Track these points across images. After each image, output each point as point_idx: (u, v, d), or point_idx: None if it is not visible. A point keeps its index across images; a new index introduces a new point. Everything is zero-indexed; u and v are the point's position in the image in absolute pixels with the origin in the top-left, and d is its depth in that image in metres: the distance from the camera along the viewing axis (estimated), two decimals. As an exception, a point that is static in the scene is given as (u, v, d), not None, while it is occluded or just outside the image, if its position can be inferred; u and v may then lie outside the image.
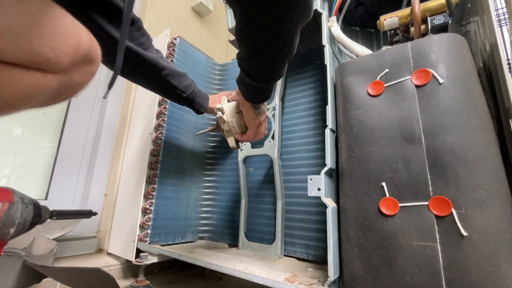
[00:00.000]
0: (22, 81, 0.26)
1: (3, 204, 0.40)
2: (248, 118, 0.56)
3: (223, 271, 0.57)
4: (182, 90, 0.61)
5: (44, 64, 0.28)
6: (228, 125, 0.59)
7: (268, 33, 0.39)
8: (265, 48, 0.41)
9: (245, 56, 0.43)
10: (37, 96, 0.30)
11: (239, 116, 0.58)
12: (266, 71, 0.45)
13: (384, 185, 0.45)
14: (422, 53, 0.48)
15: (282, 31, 0.39)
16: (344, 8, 0.67)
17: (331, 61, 0.61)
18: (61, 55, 0.29)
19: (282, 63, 0.45)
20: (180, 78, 0.61)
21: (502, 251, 0.36)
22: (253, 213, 0.80)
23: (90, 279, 0.49)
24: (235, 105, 0.59)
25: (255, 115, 0.55)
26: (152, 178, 0.78)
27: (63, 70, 0.31)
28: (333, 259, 0.46)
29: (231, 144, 0.61)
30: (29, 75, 0.27)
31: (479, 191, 0.38)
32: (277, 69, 0.45)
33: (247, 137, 0.59)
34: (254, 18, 0.38)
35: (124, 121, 0.98)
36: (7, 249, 0.54)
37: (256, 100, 0.52)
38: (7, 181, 0.78)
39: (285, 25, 0.38)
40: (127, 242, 0.76)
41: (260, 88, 0.49)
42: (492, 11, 0.49)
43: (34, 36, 0.26)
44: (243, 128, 0.59)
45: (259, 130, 0.58)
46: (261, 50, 0.41)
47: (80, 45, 0.32)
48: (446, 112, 0.43)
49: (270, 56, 0.42)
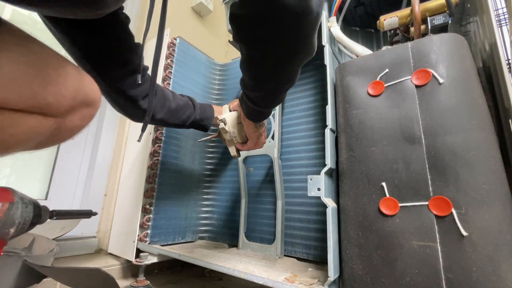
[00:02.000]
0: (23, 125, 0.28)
1: (3, 204, 0.40)
2: (248, 131, 0.58)
3: (223, 271, 0.57)
4: (181, 123, 0.64)
5: (45, 109, 0.29)
6: (230, 135, 0.60)
7: (272, 74, 0.41)
8: (268, 85, 0.43)
9: (249, 87, 0.45)
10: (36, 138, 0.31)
11: (240, 126, 0.60)
12: (269, 100, 0.48)
13: (384, 185, 0.45)
14: (422, 53, 0.48)
15: (286, 71, 0.41)
16: (344, 8, 0.67)
17: (331, 61, 0.61)
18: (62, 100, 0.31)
19: (284, 93, 0.47)
20: (178, 114, 0.62)
21: (502, 251, 0.36)
22: (253, 213, 0.80)
23: (90, 279, 0.49)
24: (236, 116, 0.60)
25: (256, 128, 0.57)
26: (152, 178, 0.78)
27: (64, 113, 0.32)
28: (333, 259, 0.46)
29: (233, 153, 0.63)
30: (31, 118, 0.28)
31: (479, 191, 0.38)
32: (279, 99, 0.48)
33: (247, 147, 0.61)
34: (260, 61, 0.40)
35: (124, 121, 0.98)
36: (7, 249, 0.54)
37: (257, 119, 0.55)
38: (7, 181, 0.78)
39: (289, 67, 0.40)
40: (127, 242, 0.76)
41: (262, 112, 0.51)
42: (492, 11, 0.50)
43: (37, 85, 0.28)
44: (244, 137, 0.61)
45: (259, 140, 0.60)
46: (265, 86, 0.44)
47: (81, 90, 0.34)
48: (446, 112, 0.43)
49: (273, 90, 0.45)
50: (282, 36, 0.35)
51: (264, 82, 0.43)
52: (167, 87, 0.88)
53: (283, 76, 0.42)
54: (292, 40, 0.36)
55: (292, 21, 0.33)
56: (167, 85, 0.89)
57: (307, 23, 0.34)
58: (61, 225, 0.74)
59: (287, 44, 0.36)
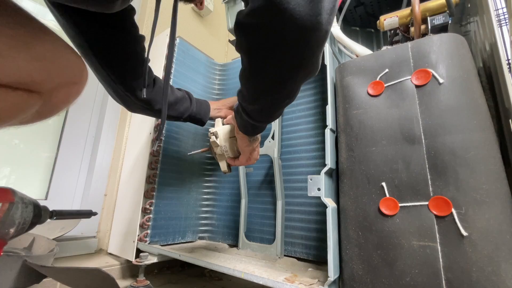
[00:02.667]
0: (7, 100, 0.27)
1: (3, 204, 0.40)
2: (242, 145, 0.56)
3: (223, 271, 0.57)
4: (179, 116, 0.65)
5: (30, 85, 0.29)
6: (221, 149, 0.58)
7: (272, 88, 0.40)
8: (267, 99, 0.42)
9: (247, 99, 0.44)
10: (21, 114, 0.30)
11: (233, 141, 0.58)
12: (265, 115, 0.46)
13: (384, 185, 0.45)
14: (422, 53, 0.48)
15: (287, 87, 0.39)
16: (344, 8, 0.67)
17: (331, 61, 0.61)
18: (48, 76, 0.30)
19: (282, 109, 0.46)
20: (176, 106, 0.63)
21: (502, 251, 0.36)
22: (253, 213, 0.80)
23: (90, 279, 0.49)
24: (229, 130, 0.58)
25: (249, 142, 0.55)
26: (152, 178, 0.78)
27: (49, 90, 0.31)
28: (333, 259, 0.46)
29: (223, 169, 0.61)
30: (15, 94, 0.28)
31: (479, 191, 0.38)
32: (276, 114, 0.47)
33: (239, 162, 0.60)
34: (260, 73, 0.38)
35: (124, 121, 0.98)
36: (7, 249, 0.54)
37: (251, 133, 0.53)
38: (7, 181, 0.78)
39: (290, 83, 0.39)
40: (127, 242, 0.76)
41: (257, 126, 0.50)
42: (492, 11, 0.49)
43: (22, 60, 0.27)
44: (236, 153, 0.59)
45: (251, 155, 0.58)
46: (263, 100, 0.42)
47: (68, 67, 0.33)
48: (446, 112, 0.43)
49: (270, 105, 0.43)
50: (287, 50, 0.34)
51: (262, 96, 0.42)
52: (167, 87, 0.88)
53: (283, 92, 0.40)
54: (297, 56, 0.35)
55: (299, 35, 0.32)
56: (167, 85, 0.89)
57: (314, 39, 0.33)
58: (61, 225, 0.74)
59: (291, 59, 0.35)
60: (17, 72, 0.26)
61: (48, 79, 0.30)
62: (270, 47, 0.34)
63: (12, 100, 0.27)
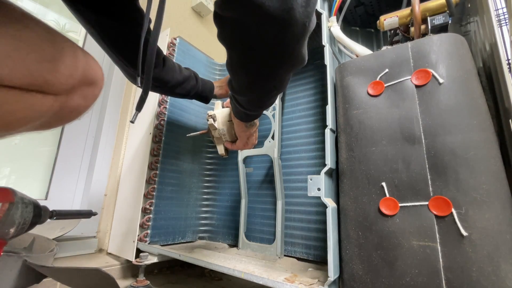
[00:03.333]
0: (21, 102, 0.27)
1: (3, 204, 0.40)
2: (238, 130, 0.56)
3: (223, 271, 0.57)
4: (186, 94, 0.68)
5: (44, 86, 0.28)
6: (219, 133, 0.58)
7: (255, 81, 0.39)
8: (252, 91, 0.42)
9: (235, 89, 0.44)
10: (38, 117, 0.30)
11: (231, 124, 0.57)
12: (255, 105, 0.46)
13: (384, 185, 0.45)
14: (422, 53, 0.48)
15: (270, 79, 0.39)
16: (344, 8, 0.67)
17: (331, 61, 0.61)
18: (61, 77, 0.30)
19: (272, 98, 0.45)
20: (183, 85, 0.66)
21: (502, 251, 0.36)
22: (253, 213, 0.80)
23: (90, 279, 0.49)
24: (227, 113, 0.58)
25: (246, 127, 0.55)
26: (152, 178, 0.78)
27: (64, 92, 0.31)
28: (333, 259, 0.46)
29: (220, 152, 0.61)
30: (29, 96, 0.28)
31: (479, 191, 0.38)
32: (265, 104, 0.46)
33: (236, 146, 0.60)
34: (241, 65, 0.37)
35: (124, 121, 0.98)
36: (7, 249, 0.54)
37: (245, 120, 0.53)
38: (7, 181, 0.78)
39: (273, 76, 0.38)
40: (127, 242, 0.76)
41: (250, 114, 0.50)
42: (492, 11, 0.49)
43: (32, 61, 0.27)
44: (234, 136, 0.58)
45: (249, 140, 0.58)
46: (248, 91, 0.42)
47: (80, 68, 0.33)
48: (446, 112, 0.43)
49: (257, 96, 0.43)
50: (264, 45, 0.33)
51: (248, 89, 0.41)
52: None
53: (269, 85, 0.40)
54: (275, 50, 0.34)
55: (274, 31, 0.31)
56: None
57: (290, 35, 0.31)
58: (61, 225, 0.74)
59: (269, 54, 0.34)
60: (28, 73, 0.26)
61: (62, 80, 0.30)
62: (246, 41, 0.33)
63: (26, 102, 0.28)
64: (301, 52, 0.36)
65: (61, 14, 0.95)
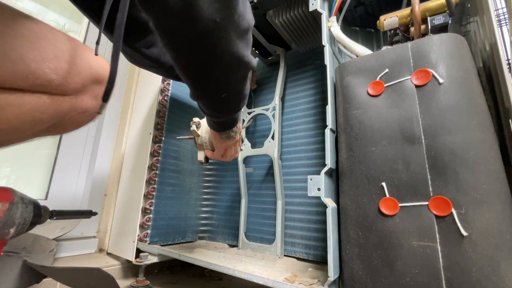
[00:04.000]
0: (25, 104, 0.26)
1: (3, 204, 0.40)
2: (214, 140, 0.55)
3: (223, 271, 0.57)
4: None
5: (48, 87, 0.27)
6: (201, 140, 0.58)
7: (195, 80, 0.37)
8: (200, 94, 0.40)
9: (191, 93, 0.42)
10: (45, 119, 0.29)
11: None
12: (212, 109, 0.44)
13: (384, 185, 0.45)
14: (422, 53, 0.48)
15: (208, 77, 0.37)
16: (344, 8, 0.67)
17: (331, 61, 0.61)
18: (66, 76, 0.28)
19: (228, 104, 0.43)
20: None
21: (502, 251, 0.36)
22: (253, 213, 0.80)
23: (90, 279, 0.49)
24: None
25: (221, 139, 0.53)
26: (152, 178, 0.78)
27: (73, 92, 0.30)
28: (333, 259, 0.46)
29: (199, 158, 0.60)
30: (34, 98, 0.27)
31: (479, 191, 0.38)
32: (223, 109, 0.44)
33: (214, 156, 0.59)
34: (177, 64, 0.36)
35: (124, 121, 0.98)
36: (7, 249, 0.54)
37: (216, 129, 0.51)
38: (7, 181, 0.78)
39: (207, 73, 0.36)
40: (127, 242, 0.76)
41: (216, 121, 0.48)
42: (492, 11, 0.49)
43: (31, 60, 0.25)
44: (214, 146, 0.58)
45: (226, 152, 0.57)
46: (197, 95, 0.40)
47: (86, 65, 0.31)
48: (446, 112, 0.43)
49: (209, 99, 0.41)
50: (183, 46, 0.31)
51: (192, 90, 0.39)
52: (167, 87, 0.88)
53: (208, 85, 0.37)
54: (193, 47, 0.31)
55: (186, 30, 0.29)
56: (167, 84, 0.89)
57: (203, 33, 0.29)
58: (61, 225, 0.74)
59: (191, 51, 0.32)
60: (30, 74, 0.25)
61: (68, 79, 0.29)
62: (169, 40, 0.32)
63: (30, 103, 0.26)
64: (232, 51, 0.33)
65: (61, 14, 0.95)
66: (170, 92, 0.88)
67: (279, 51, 0.86)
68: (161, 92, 0.86)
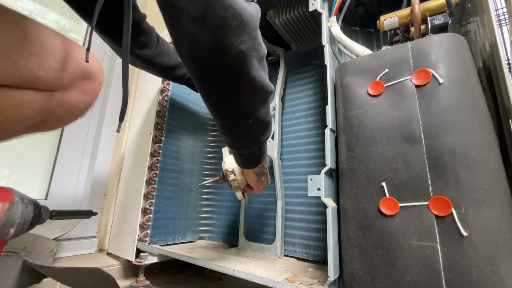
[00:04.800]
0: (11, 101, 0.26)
1: (3, 204, 0.40)
2: (251, 181, 0.59)
3: (223, 271, 0.57)
4: (176, 79, 0.70)
5: (35, 83, 0.27)
6: (238, 182, 0.62)
7: (222, 111, 0.39)
8: (229, 122, 0.42)
9: (218, 127, 0.44)
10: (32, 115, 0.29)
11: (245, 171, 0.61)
12: (241, 141, 0.45)
13: (384, 185, 0.45)
14: (422, 53, 0.48)
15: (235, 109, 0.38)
16: (344, 8, 0.67)
17: (331, 61, 0.61)
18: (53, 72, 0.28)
19: (253, 131, 0.44)
20: (175, 70, 0.66)
21: (502, 251, 0.36)
22: (253, 213, 0.80)
23: (90, 279, 0.49)
24: None
25: (257, 177, 0.57)
26: (152, 178, 0.78)
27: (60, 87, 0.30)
28: (333, 259, 0.46)
29: (240, 197, 0.65)
30: (20, 94, 0.26)
31: (479, 191, 0.38)
32: (252, 137, 0.45)
33: (254, 192, 0.63)
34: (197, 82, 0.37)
35: (124, 121, 0.98)
36: (7, 249, 0.54)
37: (246, 166, 0.54)
38: (7, 181, 0.78)
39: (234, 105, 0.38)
40: (127, 242, 0.76)
41: (242, 154, 0.50)
42: (492, 11, 0.49)
43: (18, 56, 0.25)
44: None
45: (263, 185, 0.62)
46: (226, 125, 0.42)
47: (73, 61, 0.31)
48: (446, 112, 0.43)
49: (236, 129, 0.43)
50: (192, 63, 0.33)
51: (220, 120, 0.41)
52: (167, 87, 0.88)
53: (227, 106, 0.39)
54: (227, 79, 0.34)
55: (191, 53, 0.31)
56: (167, 84, 0.89)
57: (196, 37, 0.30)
58: (61, 225, 0.74)
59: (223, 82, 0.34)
60: (16, 70, 0.25)
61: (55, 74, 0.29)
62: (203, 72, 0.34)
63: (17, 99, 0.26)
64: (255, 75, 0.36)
65: (61, 14, 0.95)
66: (170, 92, 0.88)
67: (279, 51, 0.86)
68: (161, 92, 0.86)
